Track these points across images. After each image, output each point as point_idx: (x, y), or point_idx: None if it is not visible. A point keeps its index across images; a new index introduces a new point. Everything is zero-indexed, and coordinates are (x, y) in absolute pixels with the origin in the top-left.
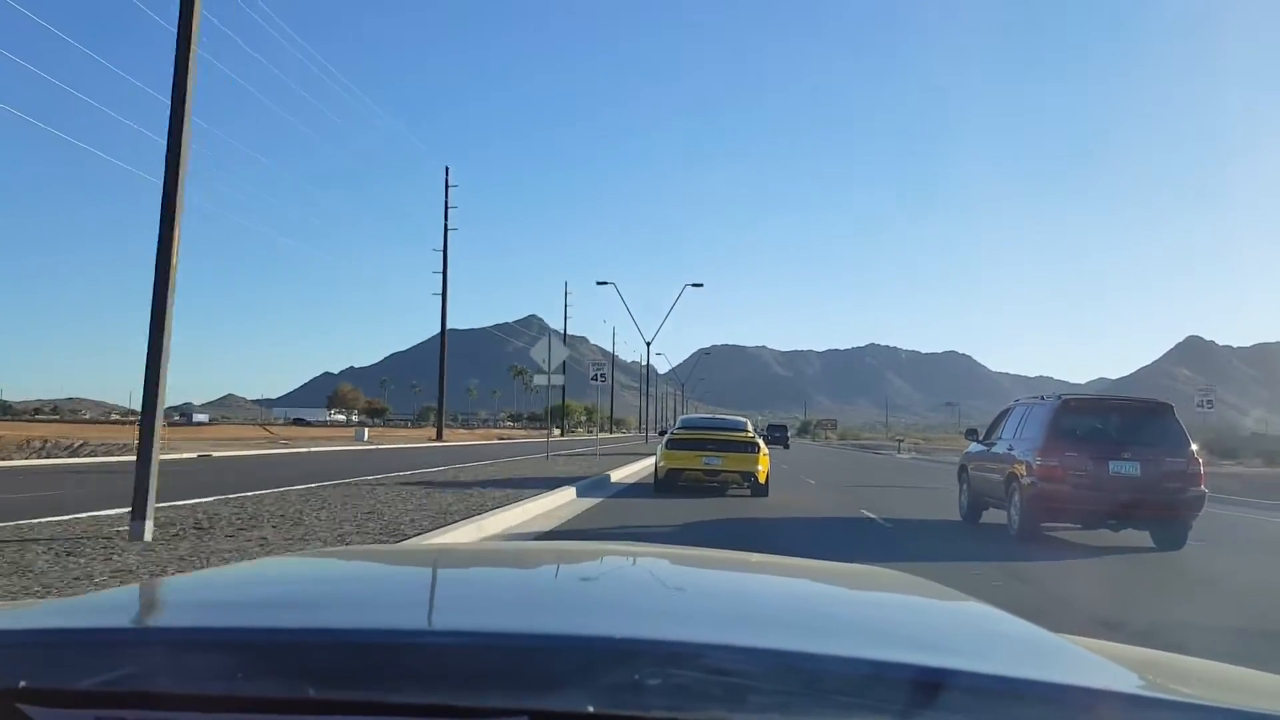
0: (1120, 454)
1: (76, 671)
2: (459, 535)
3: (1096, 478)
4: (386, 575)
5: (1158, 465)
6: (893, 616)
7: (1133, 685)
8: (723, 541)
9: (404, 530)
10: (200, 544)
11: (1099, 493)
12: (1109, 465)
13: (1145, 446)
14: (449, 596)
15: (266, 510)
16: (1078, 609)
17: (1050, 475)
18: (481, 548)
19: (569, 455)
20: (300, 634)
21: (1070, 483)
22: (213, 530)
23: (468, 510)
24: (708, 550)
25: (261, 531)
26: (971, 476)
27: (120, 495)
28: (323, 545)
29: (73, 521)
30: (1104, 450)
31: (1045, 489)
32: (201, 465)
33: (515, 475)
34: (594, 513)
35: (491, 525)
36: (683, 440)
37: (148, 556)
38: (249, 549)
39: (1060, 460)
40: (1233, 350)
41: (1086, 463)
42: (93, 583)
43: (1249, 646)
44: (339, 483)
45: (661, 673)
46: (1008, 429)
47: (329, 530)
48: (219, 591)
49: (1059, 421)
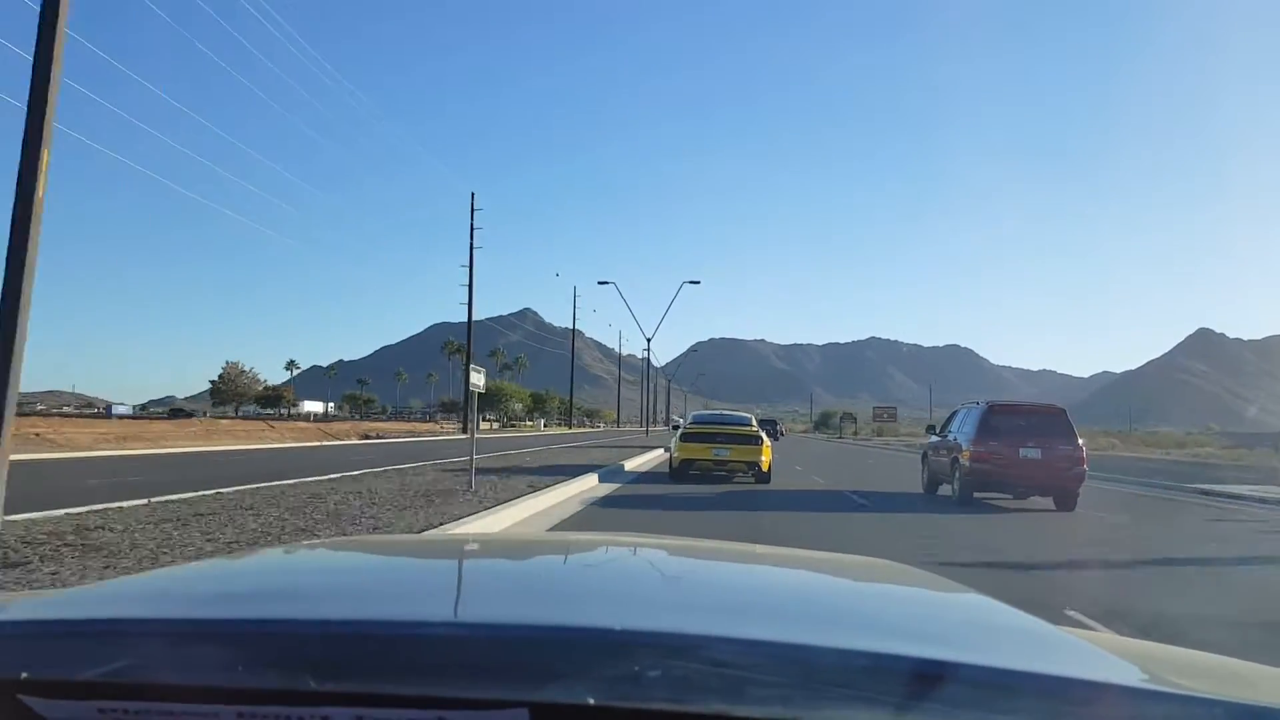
0: (1028, 443)
1: (78, 663)
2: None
3: (1011, 460)
4: (386, 567)
5: (1053, 451)
6: (892, 608)
7: (1132, 678)
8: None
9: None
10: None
11: (1013, 470)
12: (1020, 451)
13: (1045, 438)
14: (449, 588)
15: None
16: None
17: (979, 458)
18: (481, 539)
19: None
20: (300, 625)
21: (993, 463)
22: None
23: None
24: (708, 541)
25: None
26: (930, 460)
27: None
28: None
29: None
30: (1017, 441)
31: (976, 468)
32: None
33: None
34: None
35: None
36: (695, 434)
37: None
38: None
39: (986, 447)
40: (1243, 343)
41: (1005, 449)
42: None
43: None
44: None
45: (662, 664)
46: (954, 425)
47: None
48: (219, 583)
49: (986, 421)
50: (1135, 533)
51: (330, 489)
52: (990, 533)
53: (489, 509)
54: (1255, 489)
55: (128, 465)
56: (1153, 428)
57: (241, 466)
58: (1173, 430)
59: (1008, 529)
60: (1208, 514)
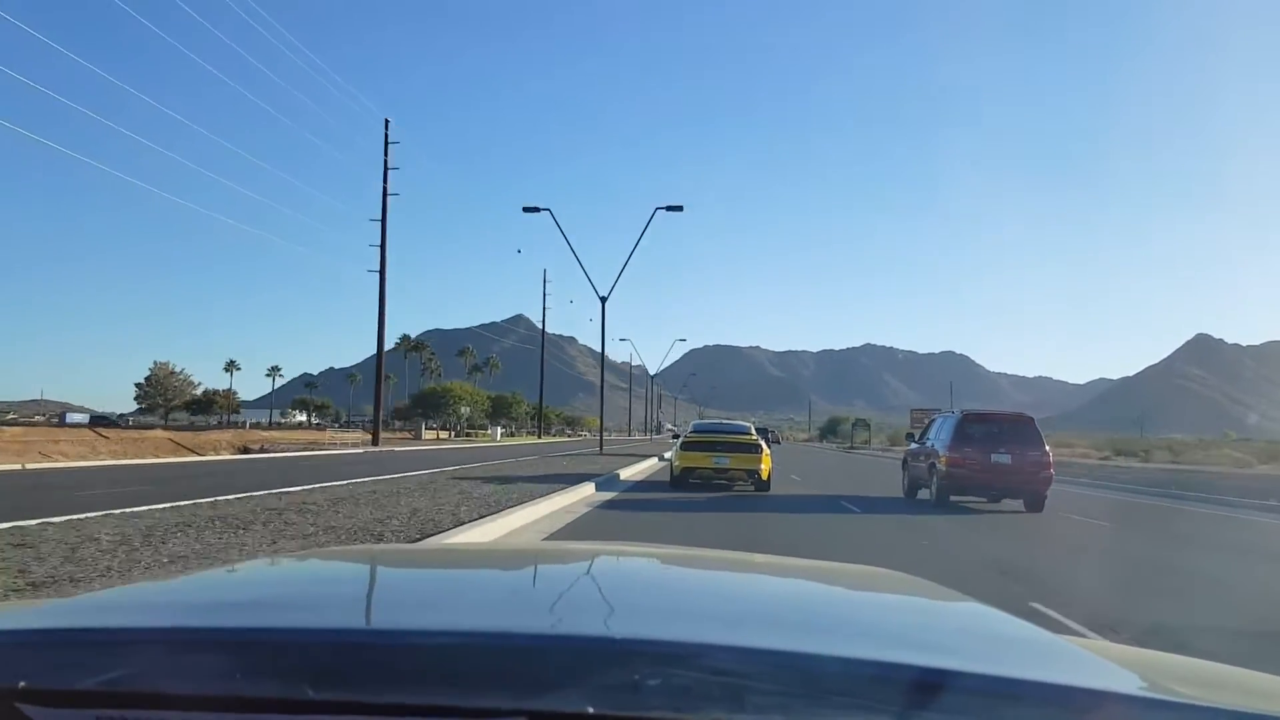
0: (999, 449)
1: (76, 671)
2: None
3: (984, 465)
4: (385, 576)
5: (1022, 457)
6: (893, 617)
7: (1133, 686)
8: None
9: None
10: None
11: (985, 474)
12: (991, 457)
13: (1014, 444)
14: (448, 596)
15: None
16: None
17: (954, 463)
18: (480, 549)
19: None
20: (299, 634)
21: (967, 468)
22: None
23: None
24: (707, 550)
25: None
26: (910, 466)
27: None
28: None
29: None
30: (988, 447)
31: (951, 472)
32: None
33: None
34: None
35: None
36: (695, 442)
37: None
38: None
39: (961, 453)
40: (1242, 349)
41: (978, 455)
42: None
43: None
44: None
45: (661, 673)
46: (931, 433)
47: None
48: (218, 591)
49: (961, 428)
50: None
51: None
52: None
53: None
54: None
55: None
56: (1161, 434)
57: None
58: (1183, 437)
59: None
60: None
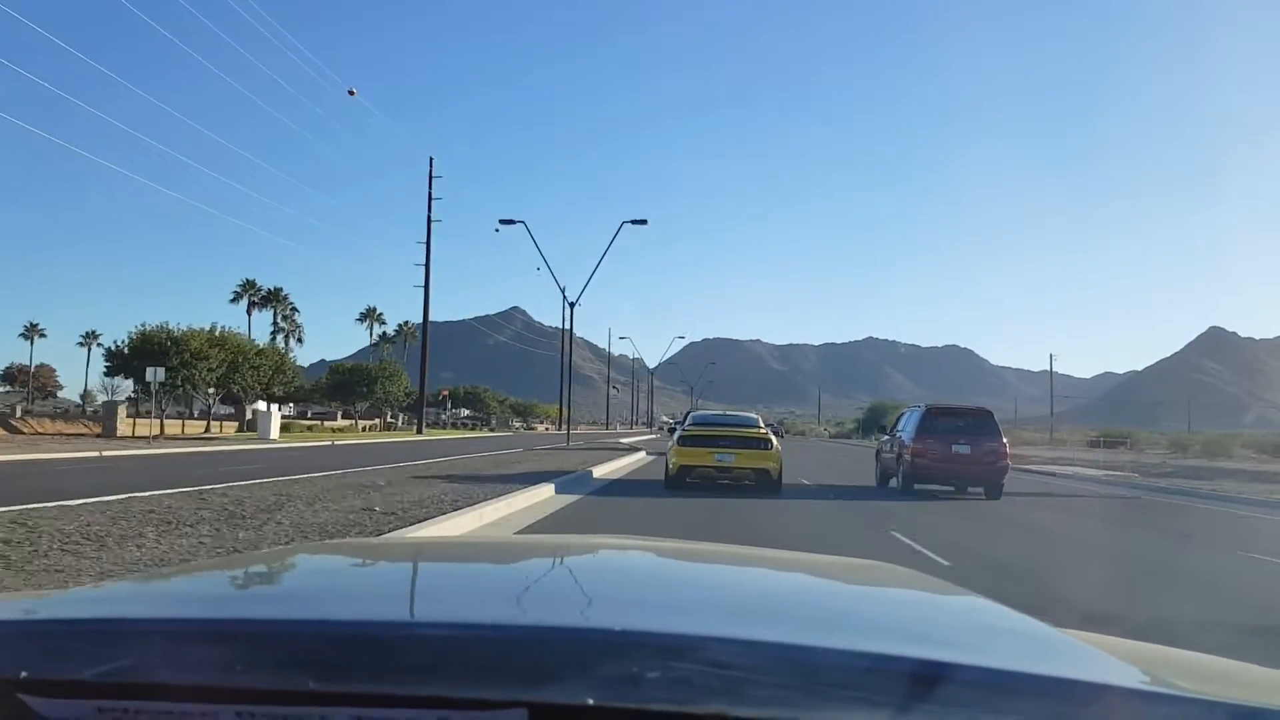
0: (959, 440)
1: (77, 662)
2: None
3: (945, 455)
4: (384, 568)
5: (981, 447)
6: (892, 610)
7: (1132, 679)
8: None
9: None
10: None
11: (946, 464)
12: (952, 447)
13: (974, 436)
14: (448, 589)
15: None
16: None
17: (918, 453)
18: (479, 541)
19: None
20: (299, 625)
21: (930, 458)
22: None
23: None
24: (706, 544)
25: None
26: (881, 456)
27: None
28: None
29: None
30: (950, 438)
31: (916, 462)
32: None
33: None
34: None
35: None
36: (694, 437)
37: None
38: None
39: (924, 444)
40: (1256, 342)
41: (939, 446)
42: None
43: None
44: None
45: (661, 665)
46: (900, 426)
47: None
48: (219, 583)
49: (925, 421)
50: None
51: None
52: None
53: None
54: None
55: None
56: (1175, 429)
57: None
58: (1213, 431)
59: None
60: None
